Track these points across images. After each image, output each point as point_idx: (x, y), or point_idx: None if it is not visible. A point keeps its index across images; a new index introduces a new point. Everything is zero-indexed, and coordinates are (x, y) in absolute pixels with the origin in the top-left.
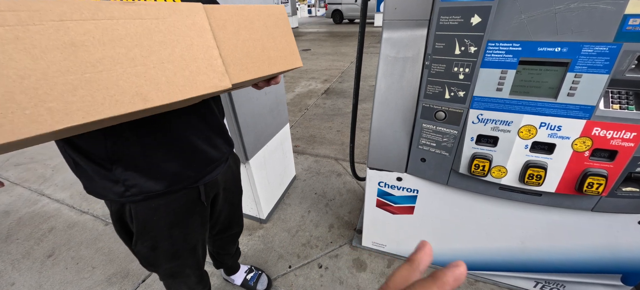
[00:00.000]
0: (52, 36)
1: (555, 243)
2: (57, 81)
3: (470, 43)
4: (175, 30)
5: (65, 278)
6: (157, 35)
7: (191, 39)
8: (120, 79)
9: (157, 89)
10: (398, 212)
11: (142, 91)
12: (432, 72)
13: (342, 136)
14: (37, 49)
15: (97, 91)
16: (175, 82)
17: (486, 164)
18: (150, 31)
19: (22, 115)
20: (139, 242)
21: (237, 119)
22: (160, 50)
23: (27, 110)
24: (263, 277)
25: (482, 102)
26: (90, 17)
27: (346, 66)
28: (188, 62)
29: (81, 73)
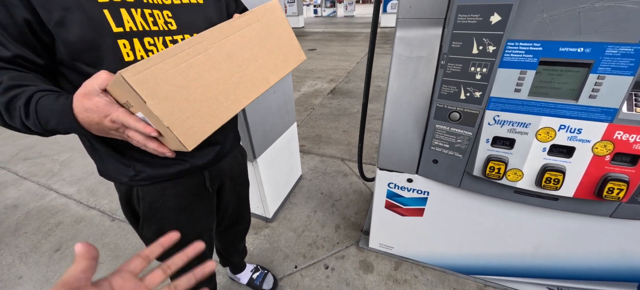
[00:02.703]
0: (218, 53)
1: (570, 249)
2: (231, 81)
3: (488, 42)
4: (269, 26)
5: None
6: (263, 33)
7: (279, 29)
8: (254, 71)
9: (273, 72)
10: (407, 214)
11: (265, 77)
12: (447, 71)
13: (348, 136)
14: (216, 63)
15: (246, 83)
16: (278, 64)
17: (502, 167)
18: (258, 32)
19: (221, 106)
20: (146, 225)
21: (246, 118)
22: (266, 43)
23: (224, 103)
24: (269, 276)
25: (499, 103)
26: (229, 33)
27: (352, 66)
28: (282, 46)
29: (237, 73)
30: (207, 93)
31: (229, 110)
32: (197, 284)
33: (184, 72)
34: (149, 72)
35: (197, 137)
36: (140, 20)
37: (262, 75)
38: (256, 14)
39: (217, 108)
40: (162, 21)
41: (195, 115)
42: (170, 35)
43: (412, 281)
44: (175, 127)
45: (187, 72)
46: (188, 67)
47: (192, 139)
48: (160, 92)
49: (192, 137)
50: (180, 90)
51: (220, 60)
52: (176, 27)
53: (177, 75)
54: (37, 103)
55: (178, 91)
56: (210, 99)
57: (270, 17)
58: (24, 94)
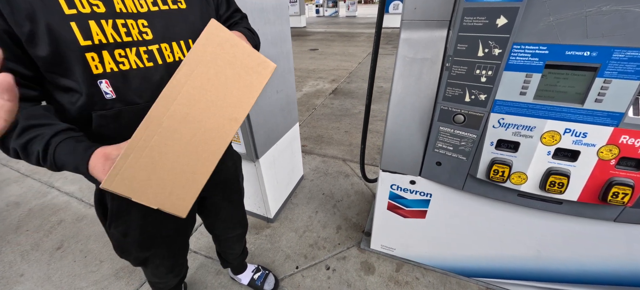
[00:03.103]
0: (173, 122)
1: (573, 253)
2: (197, 141)
3: (494, 45)
4: (216, 58)
5: (74, 271)
6: (211, 70)
7: (229, 54)
8: (218, 118)
9: (239, 106)
10: (409, 215)
11: (232, 116)
12: (452, 74)
13: (350, 137)
14: (174, 134)
15: (214, 134)
16: (243, 93)
17: (506, 170)
18: (205, 73)
19: (198, 166)
20: (113, 225)
21: (249, 118)
22: (220, 80)
23: (200, 162)
24: (270, 277)
25: (504, 106)
26: (176, 92)
27: (354, 67)
28: (240, 71)
29: (199, 130)
30: (178, 164)
31: (206, 166)
32: None
33: (149, 158)
34: (120, 175)
35: (187, 204)
36: (111, 32)
37: (229, 116)
38: (196, 52)
39: (195, 169)
40: (137, 31)
41: (176, 188)
42: (145, 46)
43: (414, 283)
44: (164, 205)
45: (152, 157)
46: (151, 152)
47: (182, 208)
48: (137, 186)
49: (181, 206)
50: (153, 175)
51: (177, 129)
52: (152, 37)
53: (144, 165)
54: (55, 150)
55: (152, 176)
56: (184, 166)
57: (214, 46)
58: (41, 138)
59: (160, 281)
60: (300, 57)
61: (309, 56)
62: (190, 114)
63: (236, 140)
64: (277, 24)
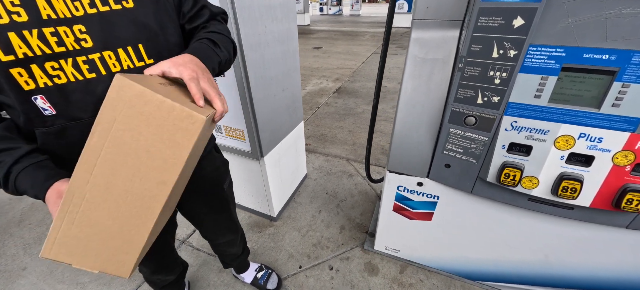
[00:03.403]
0: (96, 191)
1: (582, 258)
2: (125, 209)
3: (510, 46)
4: (129, 120)
5: None
6: (126, 136)
7: (143, 115)
8: (143, 184)
9: (166, 170)
10: (415, 217)
11: (160, 180)
12: (465, 75)
13: (354, 136)
14: (101, 202)
15: (143, 200)
16: (167, 155)
17: (517, 174)
18: (119, 141)
19: (132, 233)
20: None
21: (255, 117)
22: (139, 144)
23: (133, 229)
24: (273, 276)
25: (517, 109)
26: (92, 164)
27: (358, 66)
28: (161, 130)
29: (125, 198)
30: (112, 230)
31: (142, 230)
32: None
33: (80, 226)
34: (57, 243)
35: (128, 266)
36: (38, 43)
37: (156, 180)
38: (106, 113)
39: (131, 233)
40: (72, 39)
41: (115, 251)
42: (85, 55)
43: (418, 285)
44: (105, 268)
45: (83, 224)
46: (81, 220)
47: (125, 270)
48: (75, 252)
49: (124, 268)
50: (88, 241)
51: (103, 198)
52: (92, 44)
53: (77, 233)
54: (16, 178)
55: (87, 243)
56: (118, 231)
57: (124, 106)
58: (2, 165)
59: (152, 279)
60: (304, 55)
61: (313, 54)
62: (112, 182)
63: (241, 138)
64: (285, 21)
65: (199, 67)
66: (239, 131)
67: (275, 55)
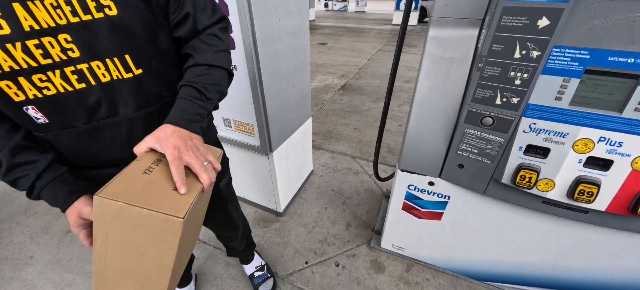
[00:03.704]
0: None
1: (592, 263)
2: (146, 282)
3: (533, 47)
4: (118, 233)
5: (83, 255)
6: (123, 241)
7: (125, 229)
8: (150, 269)
9: (162, 256)
10: (425, 217)
11: (160, 264)
12: (484, 75)
13: (360, 134)
14: None
15: (152, 276)
16: (160, 246)
17: (533, 176)
18: (119, 242)
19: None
20: None
21: (266, 112)
22: (135, 257)
23: None
24: (269, 281)
25: (536, 111)
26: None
27: (363, 63)
28: (151, 231)
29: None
30: None
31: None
32: None
33: None
34: None
35: None
36: (23, 56)
37: (157, 265)
38: (99, 232)
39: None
40: (58, 49)
41: None
42: (72, 65)
43: (424, 284)
44: None
45: None
46: None
47: None
48: None
49: None
50: None
51: (121, 277)
52: (80, 54)
53: None
54: (39, 192)
55: None
56: None
57: (112, 222)
58: (26, 179)
59: None
60: (309, 51)
61: (318, 50)
62: (125, 267)
63: (250, 132)
64: (298, 15)
65: (182, 139)
66: (248, 126)
67: (288, 50)
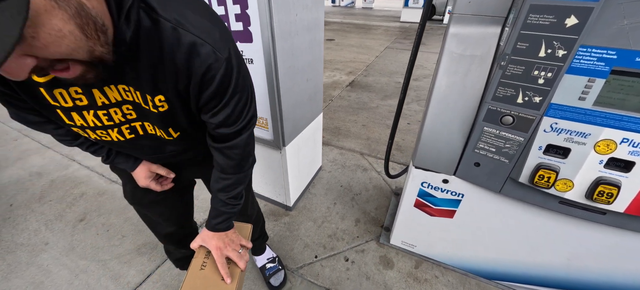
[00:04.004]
0: None
1: (606, 264)
2: None
3: (559, 46)
4: None
5: (97, 243)
6: None
7: None
8: None
9: None
10: (437, 214)
11: None
12: (507, 73)
13: (368, 131)
14: None
15: None
16: None
17: (552, 176)
18: None
19: None
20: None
21: (280, 106)
22: None
23: None
24: (280, 273)
25: (559, 110)
26: None
27: (371, 60)
28: None
29: None
30: None
31: None
32: None
33: None
34: None
35: None
36: (92, 119)
37: None
38: None
39: None
40: (120, 115)
41: None
42: (128, 124)
43: (433, 281)
44: None
45: None
46: None
47: None
48: None
49: None
50: None
51: None
52: (136, 116)
53: None
54: (114, 159)
55: None
56: None
57: None
58: (102, 150)
59: (161, 236)
60: None
61: (326, 46)
62: None
63: (264, 126)
64: (314, 10)
65: (221, 239)
66: (262, 120)
67: (303, 45)
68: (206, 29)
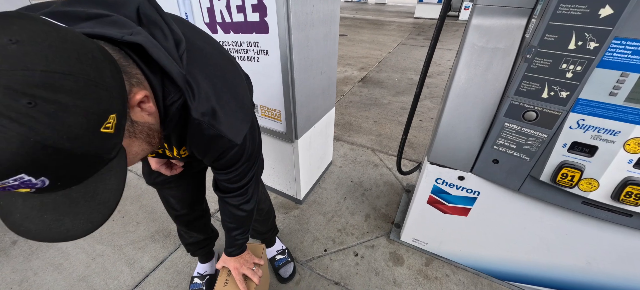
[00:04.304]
0: None
1: (630, 269)
2: None
3: (591, 38)
4: None
5: (113, 229)
6: None
7: None
8: None
9: None
10: (450, 212)
11: None
12: (532, 66)
13: (379, 127)
14: None
15: None
16: None
17: (576, 175)
18: None
19: None
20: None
21: (294, 99)
22: None
23: None
24: (289, 266)
25: (587, 106)
26: None
27: (384, 56)
28: None
29: None
30: None
31: None
32: None
33: None
34: None
35: None
36: None
37: None
38: None
39: None
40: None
41: None
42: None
43: (443, 279)
44: None
45: None
46: None
47: None
48: None
49: None
50: None
51: None
52: (171, 155)
53: None
54: None
55: None
56: None
57: None
58: None
59: (173, 217)
60: None
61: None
62: None
63: (277, 119)
64: (330, 2)
65: (237, 261)
66: (276, 112)
67: (319, 37)
68: (227, 123)
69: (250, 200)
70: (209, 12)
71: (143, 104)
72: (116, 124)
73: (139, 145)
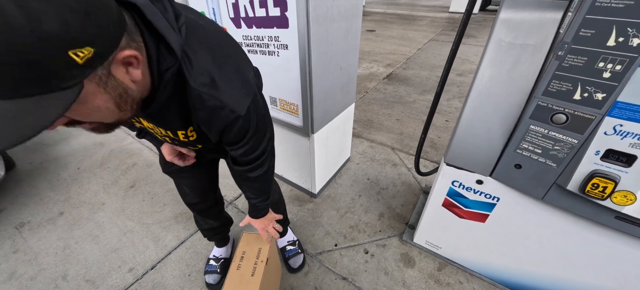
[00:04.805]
0: None
1: None
2: None
3: (634, 33)
4: None
5: (142, 208)
6: None
7: None
8: None
9: None
10: (466, 217)
11: None
12: (564, 64)
13: (402, 126)
14: None
15: None
16: None
17: (609, 186)
18: None
19: None
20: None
21: (311, 93)
22: None
23: None
24: (299, 257)
25: (626, 110)
26: None
27: (412, 52)
28: None
29: None
30: None
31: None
32: None
33: None
34: None
35: None
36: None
37: None
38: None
39: None
40: (156, 132)
41: None
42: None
43: (456, 286)
44: None
45: None
46: None
47: None
48: None
49: None
50: None
51: None
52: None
53: None
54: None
55: None
56: None
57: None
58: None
59: (187, 205)
60: None
61: (365, 37)
62: None
63: (294, 112)
64: None
65: (262, 222)
66: (293, 106)
67: (339, 32)
68: (228, 93)
69: (268, 171)
70: (234, 7)
71: (130, 67)
72: (88, 59)
73: (104, 101)
